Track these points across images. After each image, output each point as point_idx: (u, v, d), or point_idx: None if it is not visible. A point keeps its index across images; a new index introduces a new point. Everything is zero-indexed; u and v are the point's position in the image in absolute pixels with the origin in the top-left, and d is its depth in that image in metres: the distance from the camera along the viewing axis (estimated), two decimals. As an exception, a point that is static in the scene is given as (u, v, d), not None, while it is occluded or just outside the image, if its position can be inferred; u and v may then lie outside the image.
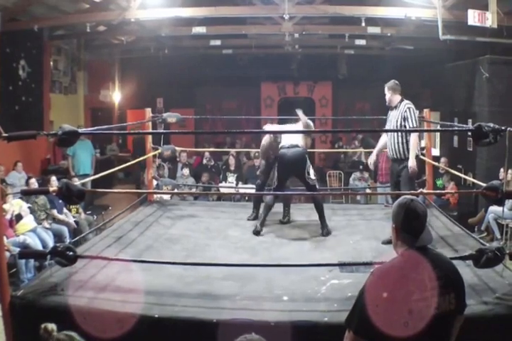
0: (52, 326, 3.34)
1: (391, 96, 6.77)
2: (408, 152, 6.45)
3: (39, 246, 8.19)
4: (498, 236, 9.64)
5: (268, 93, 20.10)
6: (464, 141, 12.84)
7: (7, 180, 9.99)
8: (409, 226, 2.79)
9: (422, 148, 8.72)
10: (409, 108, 6.49)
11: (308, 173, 7.01)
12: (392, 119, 6.64)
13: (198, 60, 17.80)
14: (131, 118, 17.35)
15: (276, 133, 7.32)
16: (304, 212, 7.97)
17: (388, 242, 6.06)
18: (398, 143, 6.52)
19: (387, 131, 6.63)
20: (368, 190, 12.37)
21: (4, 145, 4.47)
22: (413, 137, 6.42)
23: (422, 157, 7.88)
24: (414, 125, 6.45)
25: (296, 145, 7.00)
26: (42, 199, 9.24)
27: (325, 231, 6.81)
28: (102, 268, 5.03)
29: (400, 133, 6.50)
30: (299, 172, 7.03)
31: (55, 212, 9.46)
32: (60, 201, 9.29)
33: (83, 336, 3.41)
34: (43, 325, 3.35)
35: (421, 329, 2.60)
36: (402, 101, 6.65)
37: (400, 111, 6.54)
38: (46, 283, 4.70)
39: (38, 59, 13.00)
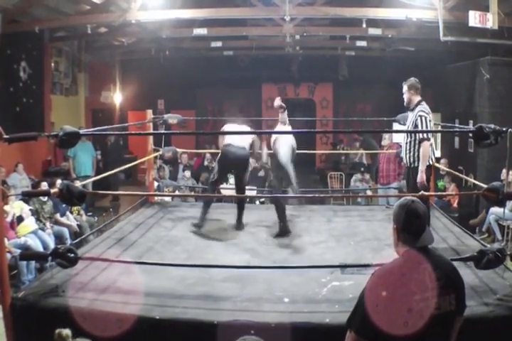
0: (67, 332, 3.30)
1: (411, 96, 6.31)
2: (415, 161, 6.16)
3: (40, 248, 8.19)
4: (499, 238, 9.63)
5: (269, 94, 20.09)
6: (464, 142, 12.85)
7: (8, 182, 9.98)
8: (411, 226, 2.80)
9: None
10: (420, 116, 6.05)
11: (246, 174, 7.40)
12: (408, 123, 6.37)
13: (199, 61, 17.80)
14: (132, 119, 17.33)
15: (278, 134, 7.31)
16: (304, 214, 7.99)
17: None
18: (406, 150, 6.26)
19: (388, 131, 6.60)
20: (368, 192, 12.36)
21: (5, 147, 4.47)
22: (423, 149, 6.03)
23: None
24: (424, 136, 6.00)
25: (244, 148, 7.20)
26: (49, 205, 9.25)
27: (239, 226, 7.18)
28: (103, 270, 5.03)
29: (410, 142, 6.23)
30: (240, 173, 7.36)
31: (57, 216, 9.46)
32: (64, 205, 9.30)
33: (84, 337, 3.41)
34: (57, 331, 3.31)
35: (421, 330, 2.61)
36: (418, 104, 6.23)
37: (413, 116, 6.19)
38: (47, 284, 4.70)
39: (39, 60, 13.00)
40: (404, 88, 6.37)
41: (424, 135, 6.03)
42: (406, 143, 6.31)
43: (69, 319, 4.01)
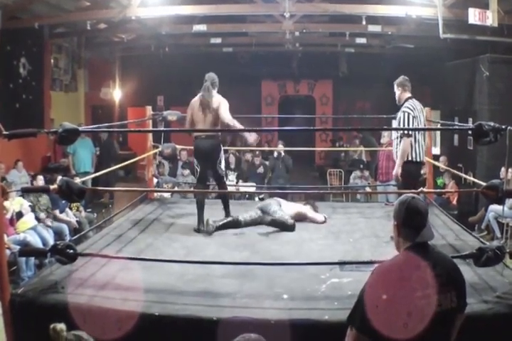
0: (61, 326, 3.31)
1: (400, 94, 6.49)
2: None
3: (39, 244, 8.19)
4: (499, 235, 9.64)
5: (268, 91, 20.11)
6: (464, 140, 12.86)
7: (7, 178, 9.98)
8: (411, 221, 2.80)
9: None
10: (403, 112, 6.24)
11: (220, 162, 7.10)
12: (396, 120, 6.52)
13: (199, 57, 17.79)
14: (132, 116, 17.35)
15: (277, 132, 7.31)
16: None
17: None
18: (395, 146, 6.45)
19: (387, 129, 6.59)
20: (368, 189, 12.38)
21: (5, 143, 4.46)
22: (403, 144, 6.19)
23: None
24: (404, 132, 6.16)
25: (211, 137, 6.95)
26: (44, 198, 9.24)
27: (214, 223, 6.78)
28: (102, 266, 5.03)
29: (397, 138, 6.36)
30: (213, 162, 7.05)
31: (57, 212, 9.45)
32: (64, 201, 9.30)
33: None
34: (51, 326, 3.33)
35: (422, 328, 2.61)
36: (406, 100, 6.37)
37: (399, 112, 6.36)
38: (46, 281, 4.70)
39: (39, 57, 13.01)
40: (395, 87, 6.53)
41: (405, 131, 6.15)
42: (394, 139, 6.51)
43: (68, 315, 4.01)
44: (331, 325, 3.91)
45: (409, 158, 6.26)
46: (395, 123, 6.45)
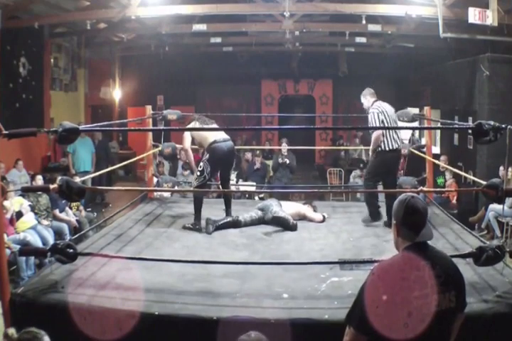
0: (11, 331, 3.31)
1: (367, 101, 6.99)
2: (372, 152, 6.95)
3: (39, 244, 8.18)
4: (499, 234, 9.63)
5: (268, 91, 20.11)
6: (464, 139, 12.84)
7: (7, 178, 9.97)
8: (410, 221, 2.79)
9: (423, 146, 8.73)
10: (371, 112, 6.74)
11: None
12: None
13: (199, 57, 17.80)
14: (132, 115, 17.34)
15: (277, 131, 7.33)
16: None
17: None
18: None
19: (387, 128, 6.62)
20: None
21: (4, 143, 4.46)
22: (373, 137, 6.77)
23: (421, 154, 7.99)
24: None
25: (230, 138, 7.13)
26: (44, 198, 9.24)
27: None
28: (103, 266, 5.03)
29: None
30: (231, 166, 7.42)
31: (56, 212, 9.44)
32: (64, 201, 9.29)
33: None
34: (3, 334, 3.33)
35: (422, 328, 2.60)
36: (373, 103, 6.88)
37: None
38: (46, 280, 4.70)
39: (39, 56, 13.00)
40: (361, 98, 7.10)
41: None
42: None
43: (68, 315, 4.02)
44: (331, 324, 3.90)
45: (382, 148, 6.78)
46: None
